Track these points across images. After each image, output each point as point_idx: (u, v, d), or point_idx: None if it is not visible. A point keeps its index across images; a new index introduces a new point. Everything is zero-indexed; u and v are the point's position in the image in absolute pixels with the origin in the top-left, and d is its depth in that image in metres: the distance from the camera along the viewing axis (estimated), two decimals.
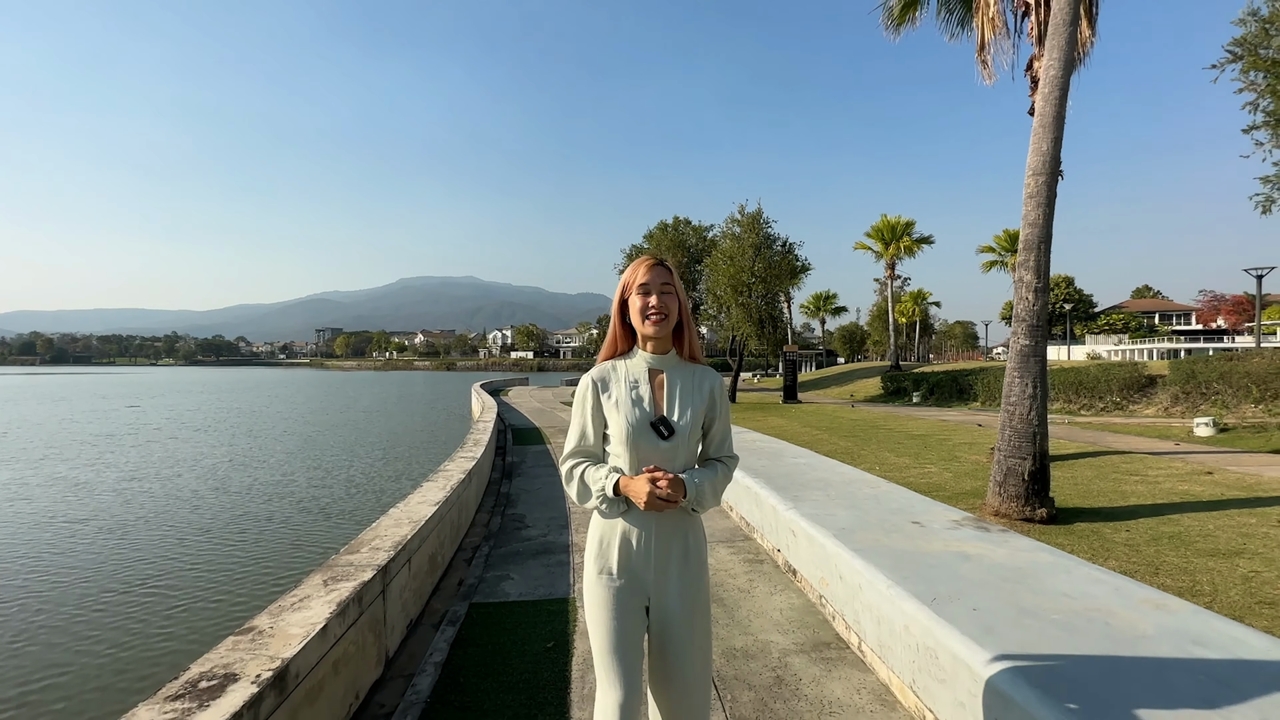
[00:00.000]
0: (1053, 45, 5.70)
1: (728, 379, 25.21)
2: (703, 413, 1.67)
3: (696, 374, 1.70)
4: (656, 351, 1.67)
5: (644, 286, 1.62)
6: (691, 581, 1.64)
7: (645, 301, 1.62)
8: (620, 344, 1.71)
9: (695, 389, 1.67)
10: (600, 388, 1.66)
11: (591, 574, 1.65)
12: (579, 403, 1.69)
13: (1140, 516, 5.58)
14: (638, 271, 1.64)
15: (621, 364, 1.69)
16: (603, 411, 1.65)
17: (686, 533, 1.66)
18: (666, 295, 1.63)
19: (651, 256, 1.69)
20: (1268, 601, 3.68)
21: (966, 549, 3.39)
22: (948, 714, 2.34)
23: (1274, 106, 12.29)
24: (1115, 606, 2.58)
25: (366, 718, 2.75)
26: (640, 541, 1.61)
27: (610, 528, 1.63)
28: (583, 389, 1.68)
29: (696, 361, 1.73)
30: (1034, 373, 5.62)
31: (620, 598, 1.59)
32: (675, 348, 1.71)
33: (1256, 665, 2.08)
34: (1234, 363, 12.63)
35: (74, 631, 5.61)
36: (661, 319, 1.62)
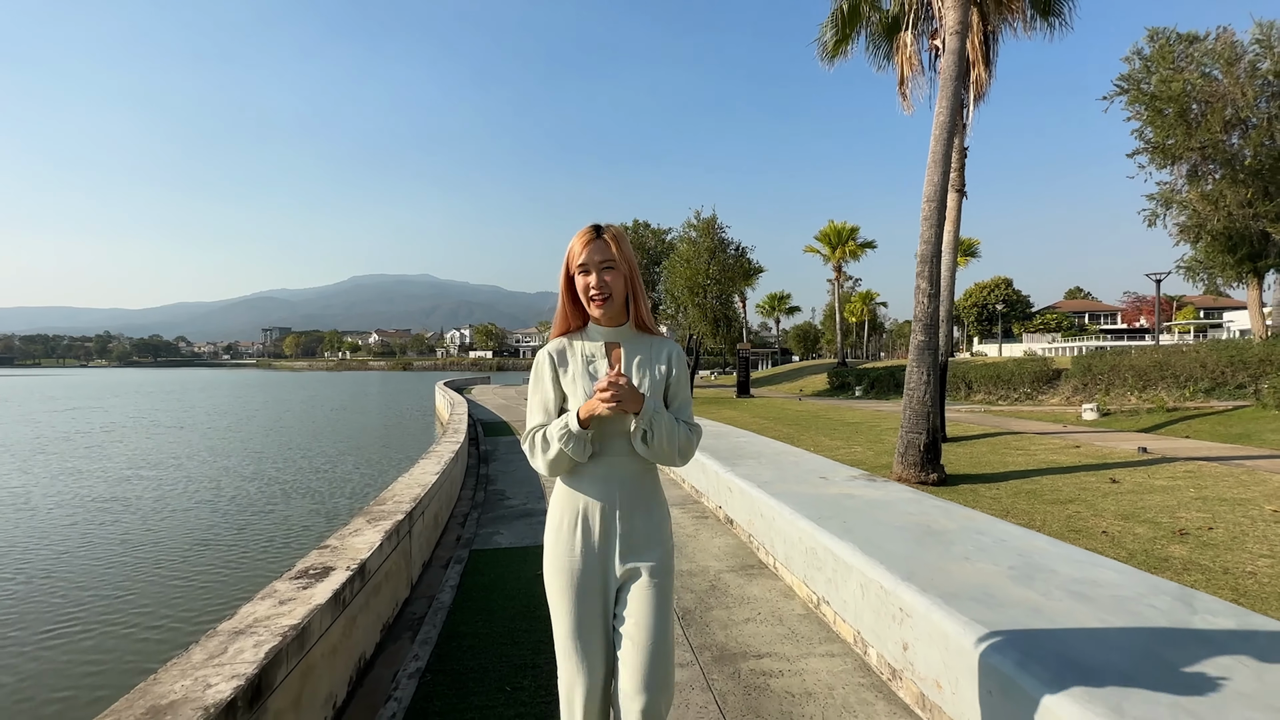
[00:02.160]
0: (942, 96, 6.97)
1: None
2: (663, 382, 1.62)
3: (654, 344, 1.66)
4: (610, 324, 1.62)
5: (584, 266, 1.54)
6: (656, 557, 1.59)
7: (586, 282, 1.55)
8: (571, 320, 1.64)
9: (654, 359, 1.63)
10: (557, 362, 1.60)
11: (551, 557, 1.59)
12: (536, 380, 1.63)
13: (1011, 479, 6.91)
14: (576, 247, 1.55)
15: (578, 341, 1.64)
16: (561, 387, 1.59)
17: (650, 503, 1.62)
18: (608, 271, 1.54)
19: (590, 229, 1.57)
20: (1076, 530, 4.95)
21: (853, 492, 4.53)
22: (822, 589, 3.43)
23: (1153, 135, 14.23)
24: (938, 517, 3.74)
25: (406, 616, 3.66)
26: (602, 519, 1.56)
27: (569, 507, 1.58)
28: (539, 365, 1.63)
29: (650, 332, 1.67)
30: (928, 364, 6.88)
31: (583, 581, 1.54)
32: (629, 319, 1.65)
33: (1009, 539, 3.24)
34: (1121, 358, 14.53)
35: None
36: (605, 299, 1.55)
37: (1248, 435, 9.15)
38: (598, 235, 1.54)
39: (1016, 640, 2.13)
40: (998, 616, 2.32)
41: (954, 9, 6.99)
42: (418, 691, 2.78)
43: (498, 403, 22.83)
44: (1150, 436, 9.70)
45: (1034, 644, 2.10)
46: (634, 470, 1.59)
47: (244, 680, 1.90)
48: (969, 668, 2.17)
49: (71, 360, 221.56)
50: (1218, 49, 13.31)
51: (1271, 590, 3.62)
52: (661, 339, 1.69)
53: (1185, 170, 13.81)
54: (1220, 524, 4.90)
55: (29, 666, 4.89)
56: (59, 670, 4.83)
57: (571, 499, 1.58)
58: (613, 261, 1.54)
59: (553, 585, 1.58)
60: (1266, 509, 5.21)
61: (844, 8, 10.72)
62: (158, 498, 10.90)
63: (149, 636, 5.43)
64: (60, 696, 4.46)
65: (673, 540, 1.67)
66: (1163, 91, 13.62)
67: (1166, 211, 14.72)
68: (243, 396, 44.49)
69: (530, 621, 3.52)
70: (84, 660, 5.01)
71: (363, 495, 11.01)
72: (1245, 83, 12.62)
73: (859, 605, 3.00)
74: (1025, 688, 1.90)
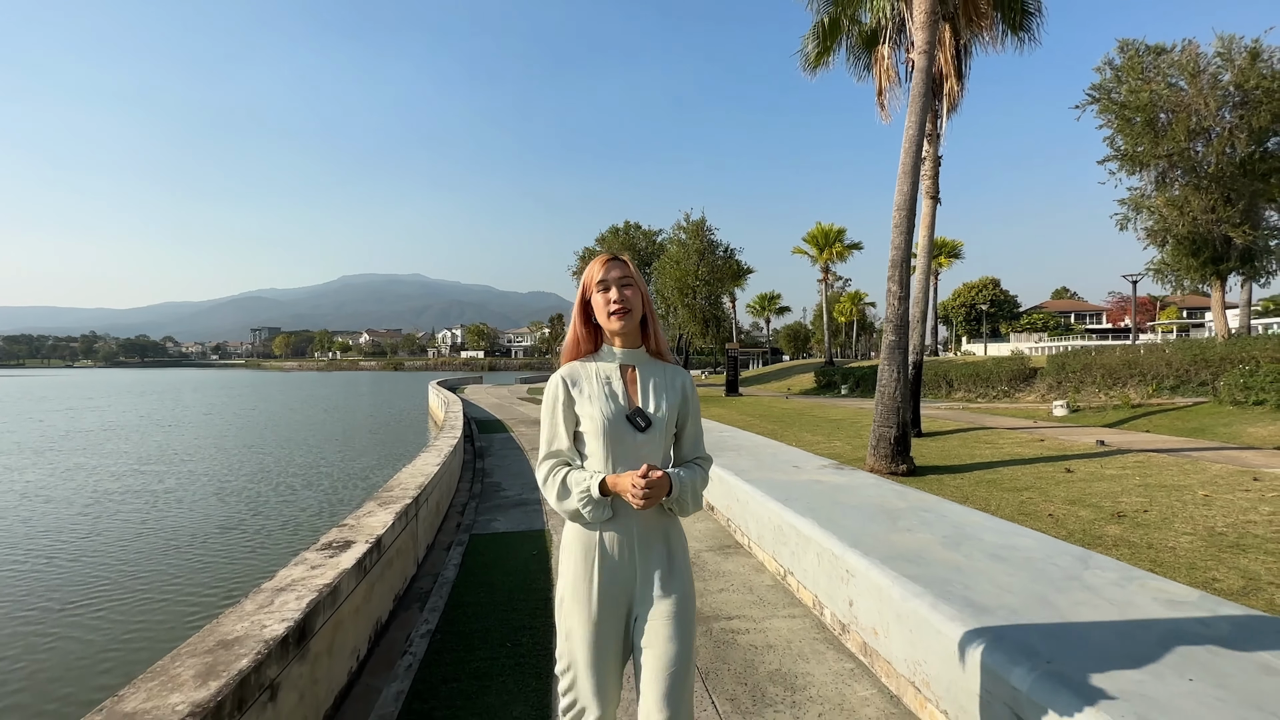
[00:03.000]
0: (911, 111, 7.43)
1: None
2: (678, 406, 1.64)
3: (668, 370, 1.68)
4: (625, 346, 1.64)
5: (603, 283, 1.58)
6: (677, 589, 1.57)
7: (607, 297, 1.58)
8: (584, 345, 1.66)
9: (668, 384, 1.65)
10: (571, 384, 1.61)
11: (570, 589, 1.57)
12: (549, 403, 1.62)
13: (975, 470, 7.38)
14: (595, 269, 1.61)
15: (591, 363, 1.65)
16: (575, 409, 1.59)
17: (669, 536, 1.61)
18: (627, 288, 1.59)
19: (608, 253, 1.66)
20: (1025, 513, 5.41)
21: (821, 478, 4.97)
22: (787, 562, 3.86)
23: (1123, 143, 14.80)
24: (892, 499, 4.18)
25: (415, 590, 4.06)
26: (621, 554, 1.55)
27: (587, 544, 1.56)
28: (553, 388, 1.63)
29: (664, 358, 1.69)
30: (898, 362, 7.34)
31: (601, 614, 1.53)
32: (643, 344, 1.67)
33: (948, 515, 3.69)
34: (1093, 356, 15.11)
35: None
36: (625, 312, 1.58)
37: (1202, 429, 9.70)
38: (615, 258, 1.62)
39: (935, 590, 2.56)
40: (924, 573, 2.76)
41: (922, 30, 7.45)
42: (429, 648, 3.18)
43: (491, 401, 23.17)
44: (1112, 431, 10.23)
45: (948, 592, 2.53)
46: (650, 509, 1.56)
47: (292, 623, 2.30)
48: (897, 614, 2.61)
49: (57, 361, 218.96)
50: (1183, 61, 13.91)
51: (1184, 561, 4.09)
52: (675, 368, 1.70)
53: (1153, 177, 14.41)
54: (1155, 507, 5.38)
55: (93, 621, 5.81)
56: (128, 622, 5.79)
57: (587, 531, 1.57)
58: (631, 279, 1.59)
59: (571, 616, 1.56)
60: (1199, 494, 5.70)
61: (825, 21, 11.16)
62: (174, 489, 11.20)
63: (189, 599, 6.07)
64: (130, 641, 5.40)
65: (691, 570, 1.66)
66: (1131, 101, 14.20)
67: (1136, 216, 15.33)
68: (238, 397, 44.47)
69: (528, 592, 3.92)
70: (140, 616, 5.87)
71: (367, 487, 11.35)
72: (1208, 93, 13.21)
73: (816, 572, 3.43)
74: (935, 625, 2.33)
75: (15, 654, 5.11)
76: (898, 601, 2.59)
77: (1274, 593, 3.52)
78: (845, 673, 2.83)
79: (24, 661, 5.00)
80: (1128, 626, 2.19)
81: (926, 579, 2.69)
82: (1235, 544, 4.36)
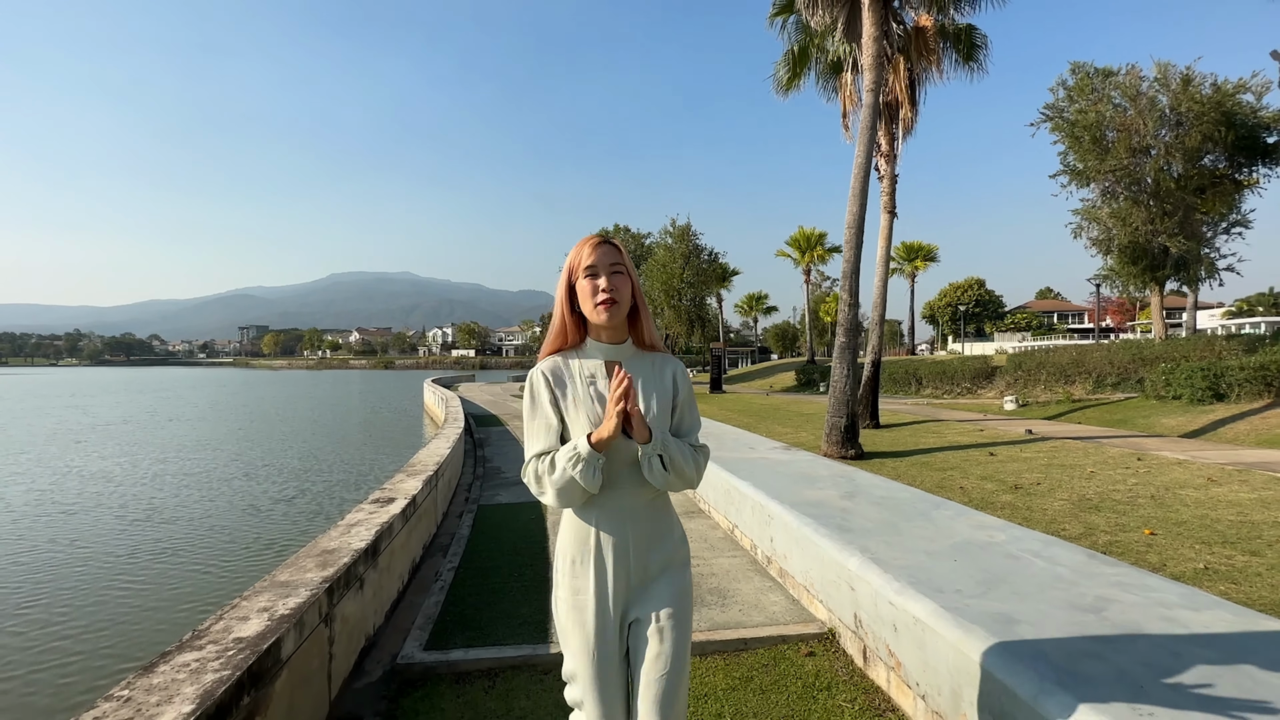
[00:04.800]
0: (860, 142, 8.49)
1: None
2: (669, 403, 1.52)
3: (657, 362, 1.55)
4: (611, 341, 1.51)
5: (591, 269, 1.44)
6: (675, 592, 1.50)
7: (594, 285, 1.44)
8: (570, 335, 1.52)
9: (658, 379, 1.53)
10: (554, 382, 1.48)
11: (564, 595, 1.49)
12: (532, 400, 1.50)
13: (916, 454, 8.48)
14: (583, 252, 1.46)
15: (574, 360, 1.52)
16: (559, 408, 1.47)
17: (665, 535, 1.52)
18: (617, 276, 1.45)
19: (598, 235, 1.50)
20: (942, 486, 6.50)
21: (768, 456, 6.03)
22: (734, 518, 4.91)
23: (1074, 159, 16.01)
24: (819, 470, 5.24)
25: (437, 545, 5.07)
26: (615, 554, 1.46)
27: (580, 542, 1.47)
28: (535, 384, 1.50)
29: (655, 349, 1.57)
30: (848, 361, 8.41)
31: (599, 620, 1.45)
32: (631, 336, 1.54)
33: (854, 478, 4.75)
34: (1047, 356, 16.34)
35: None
36: (613, 304, 1.43)
37: (1125, 420, 10.87)
38: (605, 241, 1.47)
39: (823, 522, 3.60)
40: (819, 513, 3.81)
41: (870, 70, 8.51)
42: (455, 578, 4.19)
43: (485, 398, 24.11)
44: (1048, 423, 11.39)
45: (830, 523, 3.58)
46: (646, 501, 1.48)
47: (368, 542, 3.31)
48: (795, 540, 3.65)
49: (41, 359, 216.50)
50: (1126, 84, 15.13)
51: (1048, 518, 5.17)
52: (665, 356, 1.58)
53: (1099, 190, 15.63)
54: (1048, 481, 6.48)
55: (157, 570, 6.87)
56: (187, 574, 6.82)
57: (581, 534, 1.47)
58: (622, 266, 1.45)
59: (568, 623, 1.47)
60: (1088, 471, 6.81)
61: (795, 49, 12.24)
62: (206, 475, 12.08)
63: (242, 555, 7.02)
64: (196, 586, 6.34)
65: (690, 569, 1.57)
66: (1080, 120, 15.41)
67: (1088, 226, 16.56)
68: (237, 394, 44.98)
69: (529, 544, 4.94)
70: (208, 568, 6.97)
71: (391, 467, 12.30)
72: (1147, 114, 14.42)
73: (751, 522, 4.48)
74: (816, 542, 3.38)
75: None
76: (796, 529, 3.64)
77: (1100, 535, 4.61)
78: (764, 588, 3.88)
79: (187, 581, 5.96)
80: (938, 537, 3.25)
81: (820, 516, 3.73)
82: (1094, 506, 5.46)
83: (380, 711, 2.67)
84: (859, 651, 2.88)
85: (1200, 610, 2.30)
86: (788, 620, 3.37)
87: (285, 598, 2.51)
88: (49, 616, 5.65)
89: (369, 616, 3.29)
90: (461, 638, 3.22)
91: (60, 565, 7.04)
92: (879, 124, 11.53)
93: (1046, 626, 2.15)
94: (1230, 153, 14.37)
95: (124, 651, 5.00)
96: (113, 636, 5.29)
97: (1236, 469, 6.51)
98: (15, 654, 4.95)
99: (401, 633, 3.38)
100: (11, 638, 5.23)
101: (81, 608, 5.85)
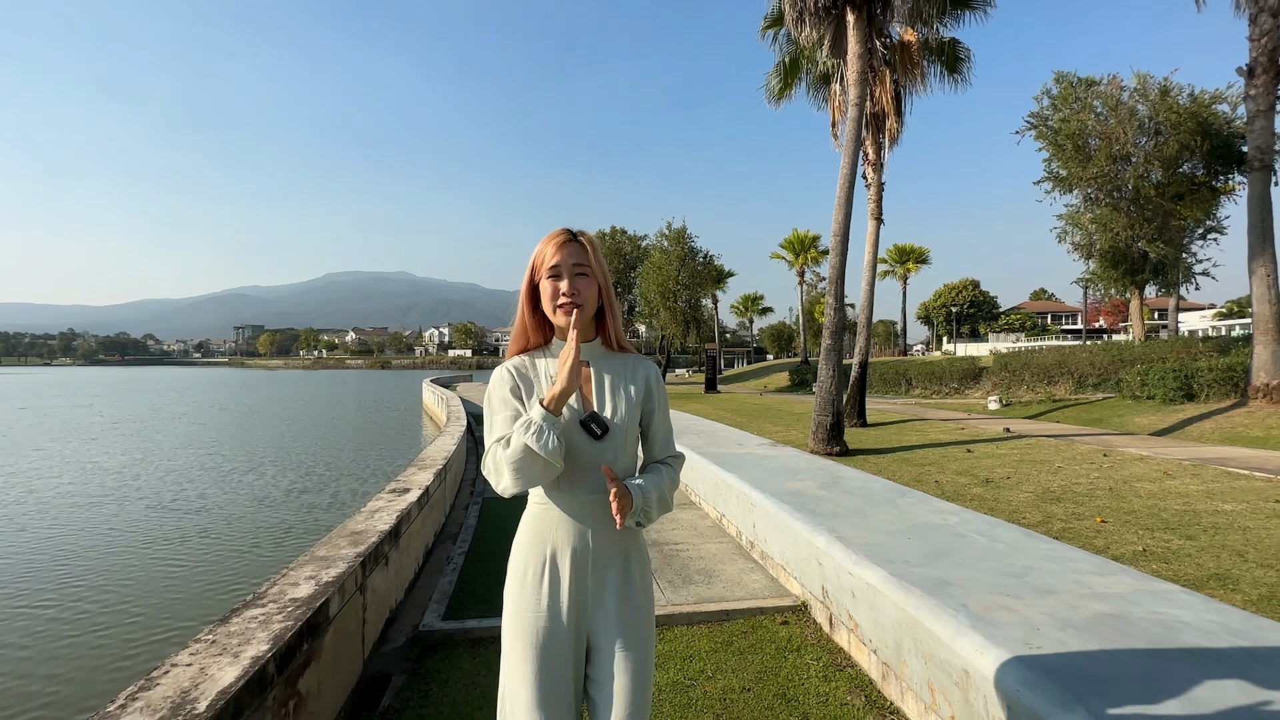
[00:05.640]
0: (845, 154, 8.92)
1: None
2: (639, 406, 1.42)
3: (629, 364, 1.46)
4: (578, 340, 1.37)
5: (555, 269, 1.35)
6: (634, 610, 1.38)
7: (555, 287, 1.35)
8: (532, 336, 1.44)
9: (628, 380, 1.43)
10: (517, 376, 1.40)
11: (512, 612, 1.36)
12: (494, 394, 1.40)
13: (898, 451, 8.90)
14: (546, 250, 1.36)
15: (541, 360, 1.43)
16: (524, 404, 1.36)
17: (628, 551, 1.40)
18: (581, 277, 1.36)
19: (563, 231, 1.39)
20: (919, 480, 6.91)
21: (755, 452, 6.44)
22: (722, 509, 5.31)
23: (1057, 166, 16.49)
24: (800, 464, 5.66)
25: (446, 533, 5.46)
26: (573, 568, 1.34)
27: (535, 553, 1.36)
28: (499, 380, 1.40)
29: (625, 350, 1.48)
30: (833, 362, 8.83)
31: (548, 641, 1.32)
32: (600, 335, 1.46)
33: (833, 471, 5.16)
34: (1031, 357, 16.82)
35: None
36: (575, 308, 1.34)
37: (1100, 419, 11.33)
38: (572, 238, 1.39)
39: (798, 508, 4.01)
40: (797, 501, 4.22)
41: (855, 86, 8.93)
42: (465, 561, 4.59)
43: (483, 397, 24.49)
44: (1027, 421, 11.84)
45: (805, 509, 3.99)
46: (609, 508, 1.33)
47: (391, 525, 3.70)
48: (774, 524, 4.06)
49: (34, 359, 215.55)
50: (1107, 93, 15.62)
51: (1013, 508, 5.59)
52: (638, 358, 1.49)
53: (1082, 197, 16.12)
54: (1017, 475, 6.91)
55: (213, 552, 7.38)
56: (220, 556, 7.41)
57: (538, 543, 1.37)
58: (587, 267, 1.37)
59: (513, 644, 1.35)
60: (1055, 466, 7.25)
61: (786, 60, 12.68)
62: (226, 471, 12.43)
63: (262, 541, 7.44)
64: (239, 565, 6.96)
65: (653, 591, 1.48)
66: (1063, 128, 15.89)
67: (1071, 231, 17.06)
68: (239, 394, 45.18)
69: None
70: (238, 549, 7.62)
71: (400, 463, 12.67)
72: (1127, 123, 14.91)
73: (736, 511, 4.89)
74: (791, 525, 3.78)
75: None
76: (774, 515, 4.05)
77: (1056, 523, 5.03)
78: (747, 569, 4.28)
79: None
80: (899, 520, 3.66)
81: (796, 504, 4.14)
82: (1056, 498, 5.89)
83: (406, 670, 3.06)
84: (826, 619, 3.29)
85: (1106, 576, 2.71)
86: (766, 595, 3.78)
87: (326, 568, 2.91)
88: (112, 586, 6.42)
89: (392, 591, 3.69)
90: (474, 610, 3.62)
91: (105, 549, 7.69)
92: (866, 134, 11.97)
93: (973, 588, 2.57)
94: (1207, 161, 14.87)
95: (176, 619, 5.63)
96: (162, 605, 5.96)
97: (1193, 464, 6.95)
98: (86, 616, 5.66)
99: (419, 607, 3.78)
100: (83, 602, 5.97)
101: (134, 581, 6.58)
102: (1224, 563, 3.98)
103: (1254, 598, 3.45)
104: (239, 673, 1.93)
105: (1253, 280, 9.56)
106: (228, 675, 1.91)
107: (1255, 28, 9.48)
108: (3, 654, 4.95)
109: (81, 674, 4.65)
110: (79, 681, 4.55)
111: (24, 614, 5.71)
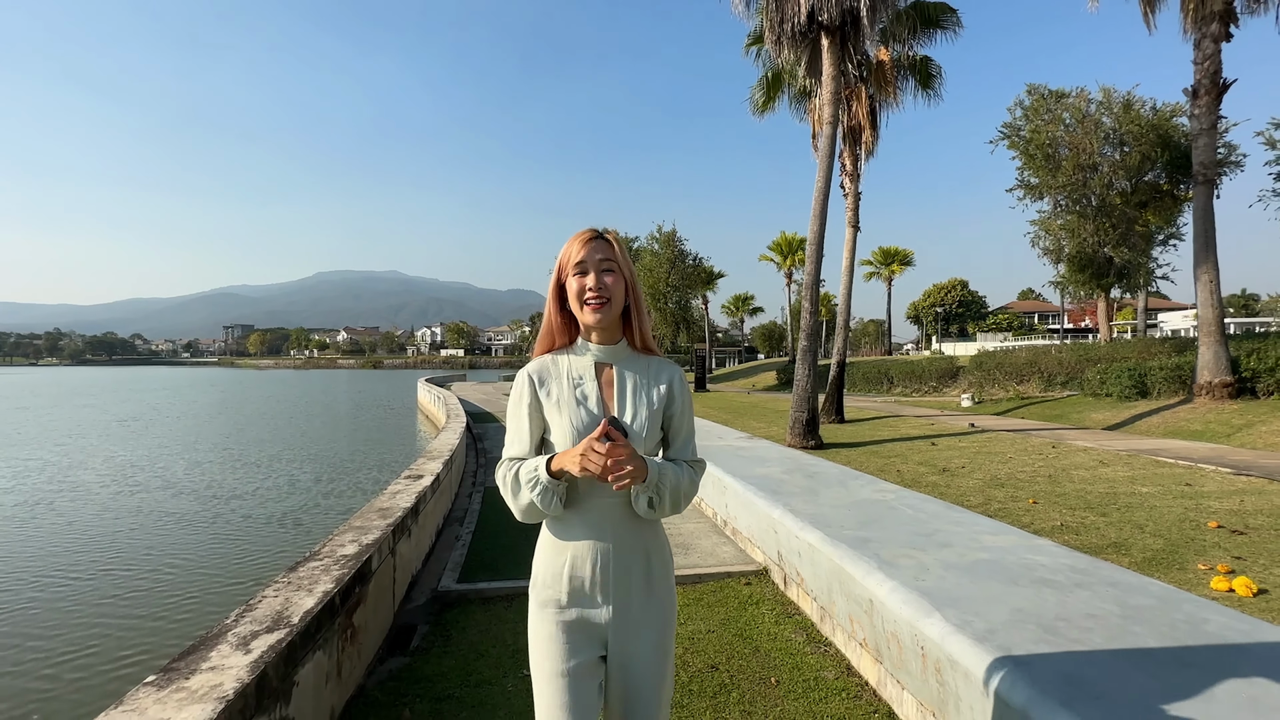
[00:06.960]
0: (820, 169, 9.57)
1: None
2: (660, 411, 1.41)
3: (652, 366, 1.45)
4: (603, 342, 1.42)
5: (581, 265, 1.36)
6: (656, 615, 1.40)
7: (583, 283, 1.36)
8: (559, 336, 1.45)
9: (650, 384, 1.42)
10: (538, 384, 1.41)
11: (536, 609, 1.40)
12: (515, 403, 1.43)
13: (870, 445, 9.58)
14: (573, 248, 1.37)
15: (563, 358, 1.44)
16: (543, 412, 1.39)
17: (649, 554, 1.40)
18: (608, 274, 1.36)
19: (589, 230, 1.40)
20: (882, 470, 7.58)
21: (732, 444, 7.09)
22: (701, 494, 5.94)
23: (1029, 175, 17.27)
24: (772, 455, 6.31)
25: (454, 517, 6.07)
26: (592, 577, 1.35)
27: (558, 556, 1.38)
28: (519, 387, 1.42)
29: (650, 352, 1.47)
30: (809, 362, 9.49)
31: (572, 638, 1.35)
32: (625, 336, 1.45)
33: (799, 459, 5.82)
34: (1005, 356, 17.59)
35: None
36: (603, 303, 1.35)
37: (1061, 415, 12.08)
38: (598, 235, 1.39)
39: (762, 489, 4.66)
40: (763, 484, 4.86)
41: (828, 105, 9.59)
42: (472, 539, 5.20)
43: (479, 397, 25.02)
44: (995, 418, 12.57)
45: (768, 489, 4.63)
46: (627, 516, 1.36)
47: (412, 504, 4.31)
48: (743, 503, 4.70)
49: (20, 359, 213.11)
50: (1075, 105, 16.40)
51: (960, 492, 6.26)
52: (661, 360, 1.48)
53: (1052, 204, 16.92)
54: (971, 465, 7.60)
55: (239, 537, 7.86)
56: (246, 543, 7.83)
57: (556, 553, 1.38)
58: (614, 263, 1.37)
59: (538, 652, 1.37)
60: (1007, 457, 7.94)
61: (769, 75, 13.35)
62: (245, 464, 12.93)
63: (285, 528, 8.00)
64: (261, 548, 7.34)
65: (674, 593, 1.47)
66: (1034, 138, 16.67)
67: (1042, 236, 17.87)
68: (234, 394, 45.37)
69: None
70: (262, 538, 8.03)
71: (388, 467, 13.23)
72: (1093, 134, 15.70)
73: (712, 494, 5.53)
74: (755, 503, 4.42)
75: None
76: (741, 494, 4.69)
77: (994, 505, 5.71)
78: (719, 543, 4.93)
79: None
80: (844, 497, 4.32)
81: (762, 486, 4.79)
82: (1000, 484, 6.58)
83: (430, 621, 3.68)
84: (781, 580, 3.94)
85: (999, 535, 3.37)
86: (734, 562, 4.42)
87: (364, 535, 3.52)
88: (177, 559, 7.31)
89: (413, 559, 4.30)
90: (484, 575, 4.24)
91: (158, 529, 8.54)
92: (844, 147, 12.66)
93: (889, 544, 3.22)
94: (1168, 170, 15.69)
95: (236, 579, 6.56)
96: (225, 564, 7.00)
97: (1129, 454, 7.67)
98: (168, 574, 6.75)
99: (435, 575, 4.39)
100: (160, 570, 6.92)
101: (191, 555, 7.46)
102: (1124, 534, 4.67)
103: (1139, 560, 4.13)
104: (315, 601, 2.54)
105: (1197, 286, 10.32)
106: (308, 601, 2.53)
107: (1199, 51, 10.23)
108: (126, 602, 6.00)
109: (178, 613, 5.80)
110: (179, 619, 5.70)
111: (113, 575, 6.76)
